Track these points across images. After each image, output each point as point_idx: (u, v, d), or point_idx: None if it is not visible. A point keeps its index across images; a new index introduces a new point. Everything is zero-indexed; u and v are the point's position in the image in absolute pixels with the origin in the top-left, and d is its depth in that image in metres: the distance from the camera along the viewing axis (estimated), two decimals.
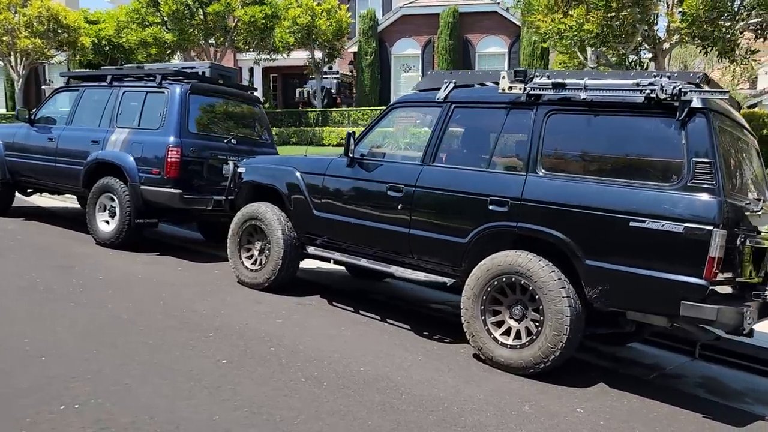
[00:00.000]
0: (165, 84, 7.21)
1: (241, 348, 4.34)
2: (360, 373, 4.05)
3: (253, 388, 3.71)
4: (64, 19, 18.25)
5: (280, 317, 5.19)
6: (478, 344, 4.42)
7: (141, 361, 3.96)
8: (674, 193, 3.74)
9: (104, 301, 5.22)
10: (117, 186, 7.23)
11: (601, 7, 8.76)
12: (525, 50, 22.68)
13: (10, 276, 5.76)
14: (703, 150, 3.71)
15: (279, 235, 5.78)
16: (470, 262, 4.58)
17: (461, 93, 4.93)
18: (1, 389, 3.42)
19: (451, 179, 4.68)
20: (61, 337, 4.29)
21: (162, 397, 3.49)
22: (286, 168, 5.86)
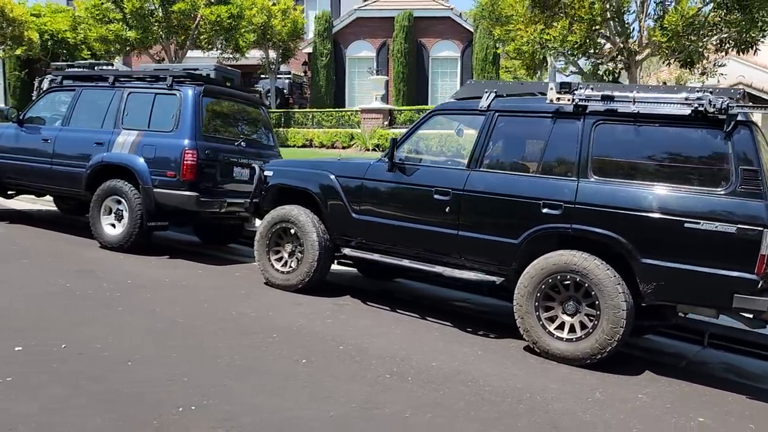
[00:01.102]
0: (176, 86, 7.15)
1: (310, 348, 4.46)
2: (434, 368, 4.26)
3: (347, 385, 3.85)
4: (11, 12, 17.36)
5: (328, 317, 5.31)
6: (533, 338, 4.72)
7: (226, 364, 4.03)
8: (725, 197, 4.16)
9: (149, 305, 5.19)
10: (126, 189, 7.11)
11: (586, 20, 9.30)
12: (478, 55, 23.34)
13: (38, 282, 5.61)
14: (749, 159, 4.14)
15: (314, 237, 5.89)
16: (520, 262, 4.87)
17: (505, 102, 5.22)
18: (106, 395, 3.43)
19: (503, 184, 4.95)
20: (134, 342, 4.28)
21: (266, 395, 3.59)
22: (320, 172, 5.98)
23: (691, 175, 4.37)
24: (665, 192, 4.35)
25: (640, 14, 9.73)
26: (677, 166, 4.45)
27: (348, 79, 24.74)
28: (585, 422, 3.60)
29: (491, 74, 23.34)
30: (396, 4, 24.35)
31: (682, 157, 4.46)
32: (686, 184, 4.34)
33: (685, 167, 4.42)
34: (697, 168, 4.38)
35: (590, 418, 3.67)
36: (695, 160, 4.42)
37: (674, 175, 4.41)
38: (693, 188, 4.29)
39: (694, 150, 4.42)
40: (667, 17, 9.01)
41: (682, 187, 4.32)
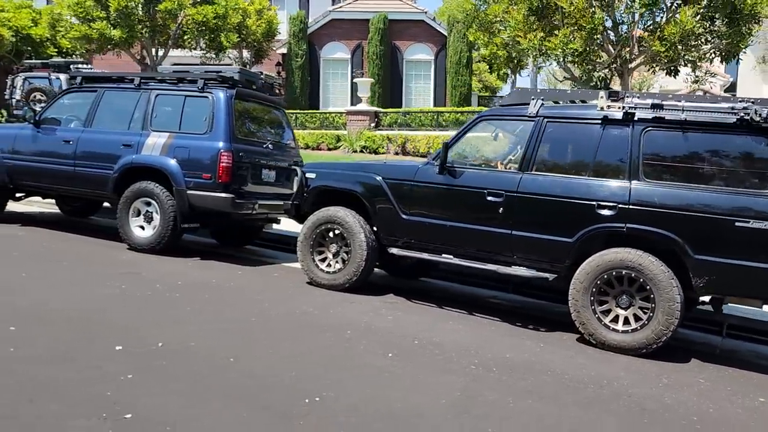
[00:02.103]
0: (208, 89, 7.21)
1: (387, 342, 4.67)
2: (510, 360, 4.54)
3: (441, 376, 4.09)
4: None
5: (386, 314, 5.53)
6: (589, 330, 5.06)
7: (320, 358, 4.20)
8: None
9: (213, 305, 5.30)
10: (157, 191, 7.13)
11: (588, 29, 9.77)
12: (452, 58, 23.81)
13: (90, 284, 5.63)
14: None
15: (361, 238, 6.09)
16: (574, 259, 5.21)
17: (553, 109, 5.55)
18: (230, 389, 3.57)
19: (557, 186, 5.27)
20: (223, 341, 4.40)
21: (375, 387, 3.79)
22: (367, 174, 6.18)
23: (738, 178, 4.78)
24: (715, 193, 4.75)
25: (632, 24, 10.28)
26: (724, 169, 4.86)
27: (323, 80, 24.83)
28: (667, 405, 3.94)
29: (465, 77, 23.86)
30: (370, 6, 24.59)
31: (729, 161, 4.87)
32: (733, 185, 4.75)
33: (731, 170, 4.83)
34: (743, 171, 4.80)
35: (670, 401, 4.01)
36: (741, 164, 4.83)
37: (722, 178, 4.82)
38: (741, 190, 4.70)
39: (739, 155, 4.84)
40: (666, 29, 9.58)
41: (731, 188, 4.73)
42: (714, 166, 4.91)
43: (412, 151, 15.66)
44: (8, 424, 2.95)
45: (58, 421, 3.02)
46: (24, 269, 5.90)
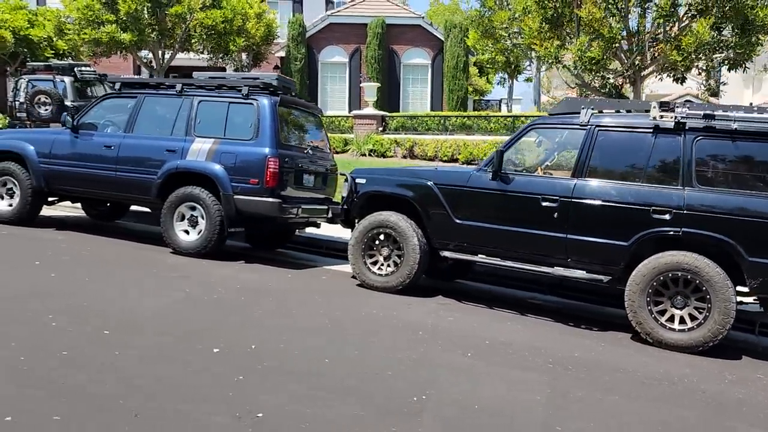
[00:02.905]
0: (252, 96, 7.34)
1: (462, 343, 4.86)
2: (580, 359, 4.76)
3: (525, 373, 4.29)
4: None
5: (446, 315, 5.72)
6: (646, 330, 5.30)
7: (407, 358, 4.38)
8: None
9: (281, 308, 5.46)
10: (203, 195, 7.24)
11: (607, 38, 10.09)
12: (449, 63, 24.08)
13: (153, 288, 5.75)
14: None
15: (414, 241, 6.28)
16: (628, 262, 5.45)
17: (603, 118, 5.79)
18: (338, 388, 3.74)
19: (611, 192, 5.52)
20: (309, 342, 4.56)
21: (471, 384, 3.99)
22: (419, 180, 6.38)
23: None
24: (767, 198, 5.02)
25: (646, 34, 10.63)
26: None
27: (321, 83, 24.96)
28: (741, 399, 4.19)
29: (462, 81, 24.15)
30: (368, 10, 24.78)
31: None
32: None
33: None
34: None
35: (741, 396, 4.26)
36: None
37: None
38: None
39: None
40: (684, 39, 9.95)
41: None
42: (764, 173, 5.19)
43: (420, 154, 15.88)
44: (153, 424, 3.09)
45: (197, 420, 3.17)
46: (84, 274, 5.98)
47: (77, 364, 3.73)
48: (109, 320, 4.61)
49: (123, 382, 3.54)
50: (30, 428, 2.93)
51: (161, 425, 3.08)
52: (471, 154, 15.14)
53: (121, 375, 3.64)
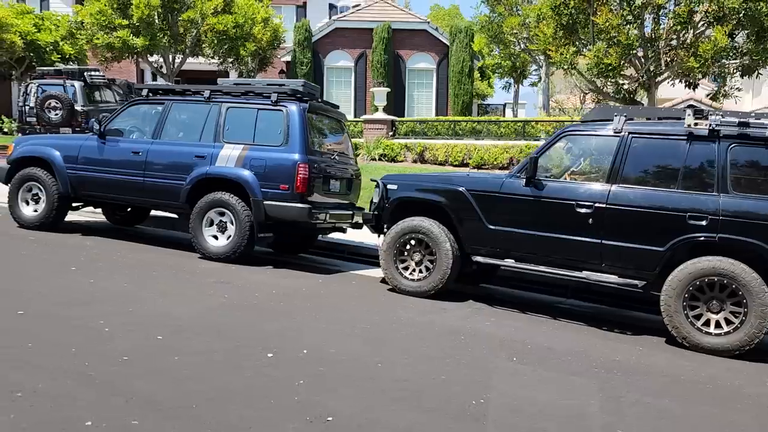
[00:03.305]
0: (281, 102, 7.41)
1: (505, 347, 4.94)
2: (623, 363, 4.83)
3: (573, 378, 4.37)
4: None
5: (483, 320, 5.79)
6: (682, 334, 5.38)
7: (457, 363, 4.45)
8: None
9: (320, 313, 5.51)
10: (233, 201, 7.29)
11: (625, 44, 10.22)
12: (454, 68, 24.20)
13: (191, 294, 5.80)
14: None
15: (447, 246, 6.35)
16: (664, 267, 5.53)
17: (637, 125, 5.88)
18: (397, 392, 3.80)
19: (647, 198, 5.60)
20: (357, 347, 4.63)
21: (524, 389, 4.06)
22: (452, 186, 6.45)
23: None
24: None
25: (663, 40, 10.74)
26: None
27: (326, 88, 25.02)
28: None
29: (467, 86, 24.27)
30: (374, 15, 24.90)
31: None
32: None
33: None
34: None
35: None
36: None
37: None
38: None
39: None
40: (701, 46, 10.08)
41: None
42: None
43: (430, 159, 15.97)
44: (225, 428, 3.15)
45: (274, 425, 3.22)
46: (121, 280, 6.03)
47: (140, 370, 3.78)
48: (158, 326, 4.66)
49: (188, 388, 3.59)
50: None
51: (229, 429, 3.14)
52: (482, 158, 15.23)
53: (184, 381, 3.69)
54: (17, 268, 6.19)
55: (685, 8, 10.15)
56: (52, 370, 3.66)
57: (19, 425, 2.98)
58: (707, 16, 9.96)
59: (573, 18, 11.20)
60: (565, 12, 11.12)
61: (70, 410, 3.17)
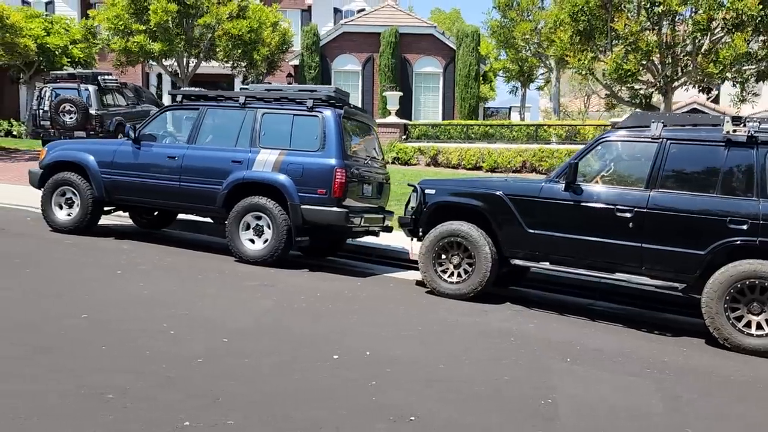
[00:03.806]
0: (317, 108, 7.53)
1: (556, 348, 5.06)
2: (671, 364, 4.96)
3: (629, 378, 4.49)
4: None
5: (526, 322, 5.91)
6: (724, 335, 5.51)
7: (513, 364, 4.57)
8: None
9: (371, 316, 5.63)
10: (270, 205, 7.40)
11: (644, 50, 10.40)
12: (461, 72, 24.37)
13: (243, 297, 5.92)
14: None
15: (486, 250, 6.48)
16: (704, 270, 5.67)
17: (675, 131, 6.02)
18: (465, 394, 3.92)
19: (687, 203, 5.74)
20: (413, 348, 4.74)
21: (583, 387, 4.18)
22: (490, 191, 6.57)
23: None
24: None
25: (679, 46, 10.93)
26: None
27: None
28: None
29: (473, 89, 24.44)
30: (381, 20, 25.05)
31: None
32: None
33: None
34: None
35: None
36: None
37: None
38: None
39: None
40: (721, 53, 10.26)
41: None
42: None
43: (443, 162, 16.10)
44: (315, 426, 3.26)
45: (360, 426, 3.34)
46: (169, 284, 6.14)
47: (217, 372, 3.89)
48: (220, 328, 4.77)
49: (267, 389, 3.70)
50: None
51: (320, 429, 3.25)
52: (495, 162, 15.38)
53: (263, 381, 3.80)
54: (65, 273, 6.29)
55: (705, 15, 10.34)
56: (133, 372, 3.76)
57: (123, 427, 3.08)
58: (726, 22, 10.16)
59: (590, 24, 11.36)
60: (583, 18, 11.28)
61: (163, 411, 3.28)
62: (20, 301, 5.13)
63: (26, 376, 3.59)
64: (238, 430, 3.14)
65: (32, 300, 5.19)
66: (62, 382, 3.54)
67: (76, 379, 3.59)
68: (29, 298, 5.22)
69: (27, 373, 3.65)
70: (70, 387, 3.48)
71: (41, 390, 3.41)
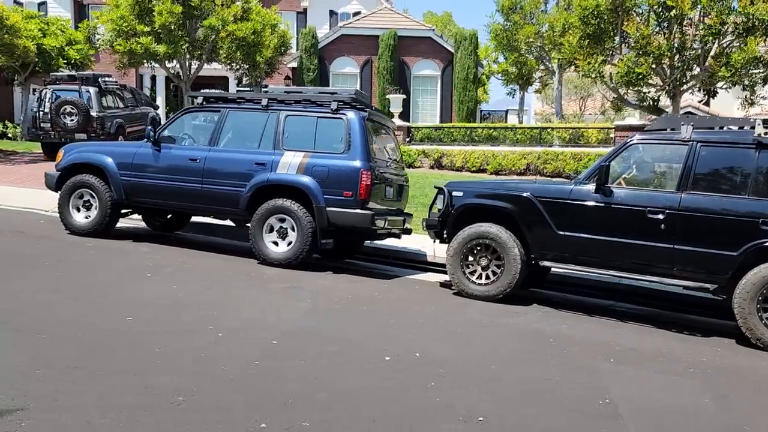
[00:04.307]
0: (341, 111, 7.54)
1: (595, 349, 5.12)
2: (711, 363, 5.05)
3: (676, 378, 4.55)
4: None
5: (558, 323, 5.96)
6: (757, 335, 5.59)
7: (557, 363, 4.62)
8: None
9: (407, 318, 5.65)
10: (295, 208, 7.38)
11: (656, 54, 10.53)
12: (459, 74, 24.48)
13: (278, 299, 5.93)
14: None
15: (515, 252, 6.52)
16: (735, 271, 5.75)
17: (705, 134, 6.11)
18: (525, 394, 3.95)
19: (719, 204, 5.82)
20: (458, 350, 4.77)
21: (645, 391, 4.23)
22: (519, 193, 6.62)
23: None
24: None
25: (689, 50, 11.09)
26: None
27: None
28: None
29: (471, 92, 24.55)
30: (379, 22, 25.10)
31: None
32: None
33: None
34: None
35: None
36: None
37: None
38: None
39: None
40: (733, 56, 10.42)
41: None
42: None
43: (447, 165, 16.15)
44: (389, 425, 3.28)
45: (429, 423, 3.36)
46: (200, 286, 6.11)
47: (276, 373, 3.90)
48: (266, 330, 4.77)
49: (334, 388, 3.71)
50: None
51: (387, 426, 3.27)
52: (500, 164, 15.45)
53: (325, 382, 3.81)
54: (98, 275, 6.24)
55: (717, 19, 10.49)
56: (194, 374, 3.76)
57: (205, 429, 3.07)
58: (737, 26, 10.31)
59: (600, 28, 11.49)
60: (593, 22, 11.39)
61: (237, 413, 3.28)
62: (64, 302, 5.10)
63: (89, 377, 3.57)
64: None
65: (75, 302, 5.16)
66: (127, 383, 3.53)
67: (139, 380, 3.58)
68: (72, 300, 5.20)
69: (89, 373, 3.62)
70: (137, 388, 3.47)
71: (107, 391, 3.39)
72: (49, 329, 4.36)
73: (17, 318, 4.59)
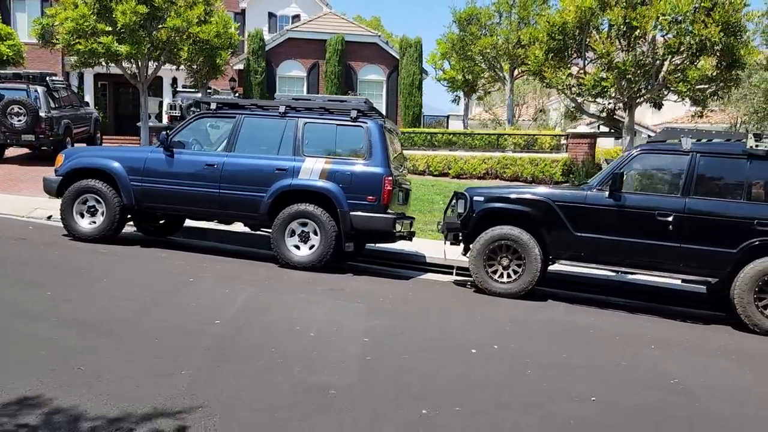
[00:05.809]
0: (361, 120, 7.86)
1: (633, 341, 5.73)
2: (725, 346, 5.78)
3: (712, 360, 5.22)
4: None
5: (587, 317, 6.55)
6: (754, 321, 6.43)
7: (610, 360, 5.18)
8: None
9: (448, 318, 6.07)
10: (318, 212, 7.63)
11: (622, 69, 11.50)
12: (405, 80, 25.10)
13: (329, 302, 6.16)
14: None
15: (536, 252, 7.09)
16: (734, 266, 6.57)
17: (703, 145, 6.91)
18: (597, 394, 4.48)
19: (720, 208, 6.63)
20: (530, 346, 5.25)
21: (696, 375, 4.85)
22: (538, 197, 7.20)
23: None
24: None
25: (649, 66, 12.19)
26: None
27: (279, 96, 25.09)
28: None
29: (417, 98, 25.23)
30: (326, 27, 25.32)
31: None
32: None
33: None
34: None
35: None
36: None
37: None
38: None
39: None
40: (689, 73, 11.56)
41: None
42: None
43: (411, 169, 16.57)
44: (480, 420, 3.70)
45: (554, 405, 3.80)
46: (248, 290, 6.23)
47: (390, 369, 4.21)
48: (349, 330, 5.05)
49: (449, 379, 4.08)
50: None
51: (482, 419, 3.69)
52: (461, 168, 16.13)
53: (435, 377, 4.17)
54: (150, 282, 6.23)
55: (675, 40, 11.62)
56: (326, 371, 4.01)
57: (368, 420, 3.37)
58: (691, 47, 11.47)
59: (565, 43, 12.38)
60: (558, 38, 12.27)
61: (389, 403, 3.58)
62: (152, 309, 5.18)
63: (230, 377, 3.75)
64: (453, 417, 3.51)
65: (157, 307, 5.23)
66: (276, 380, 3.75)
67: (282, 378, 3.80)
68: (152, 306, 5.25)
69: (226, 373, 3.81)
70: (285, 386, 3.70)
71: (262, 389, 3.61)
72: (166, 337, 4.47)
73: (122, 326, 4.64)
